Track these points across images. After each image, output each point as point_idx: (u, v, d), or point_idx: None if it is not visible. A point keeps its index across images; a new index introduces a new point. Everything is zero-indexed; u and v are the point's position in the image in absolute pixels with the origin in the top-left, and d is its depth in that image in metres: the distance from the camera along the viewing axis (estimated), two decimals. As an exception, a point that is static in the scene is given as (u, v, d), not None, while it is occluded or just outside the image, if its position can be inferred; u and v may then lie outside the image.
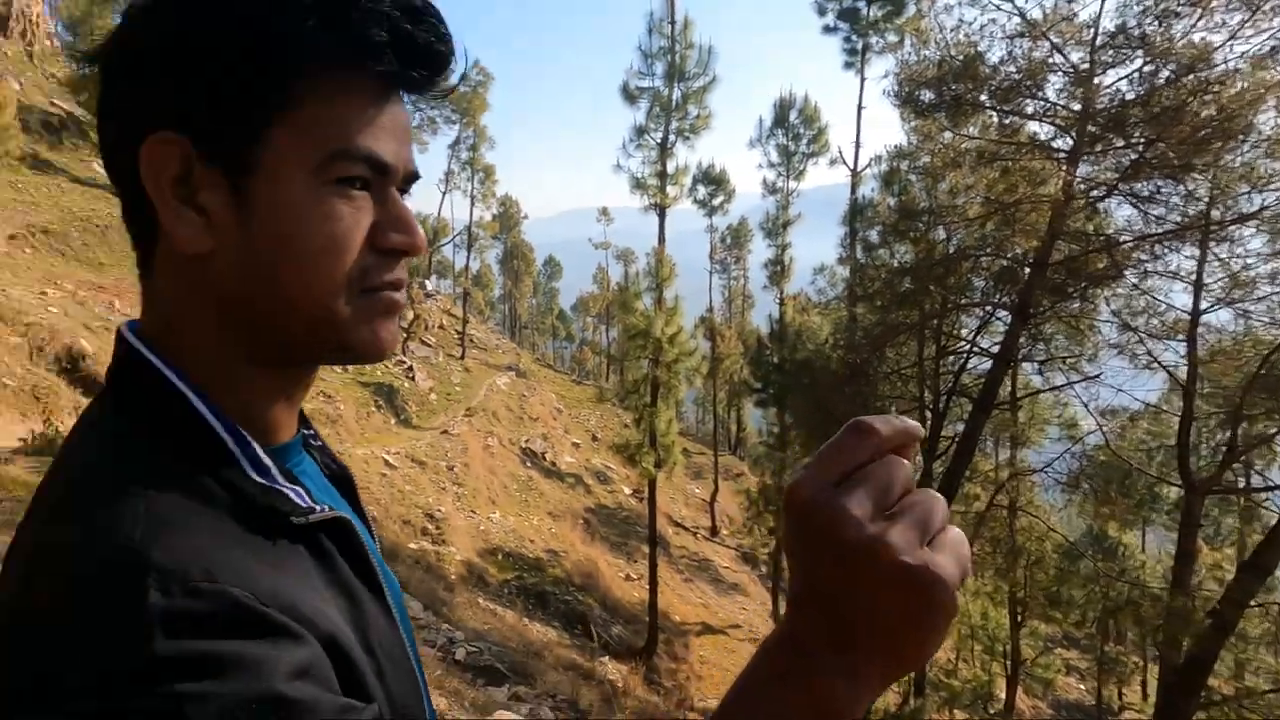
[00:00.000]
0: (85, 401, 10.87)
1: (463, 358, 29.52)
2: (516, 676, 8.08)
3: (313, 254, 0.52)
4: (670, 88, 14.12)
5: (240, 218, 0.51)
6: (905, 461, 0.40)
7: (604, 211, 53.30)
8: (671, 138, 14.22)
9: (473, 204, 34.38)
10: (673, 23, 14.16)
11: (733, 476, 31.94)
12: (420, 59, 0.54)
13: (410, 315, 25.83)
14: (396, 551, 12.55)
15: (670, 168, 14.39)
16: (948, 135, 10.35)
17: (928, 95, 9.87)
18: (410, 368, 23.72)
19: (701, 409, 52.73)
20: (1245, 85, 7.52)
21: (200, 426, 0.52)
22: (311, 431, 0.68)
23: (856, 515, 0.38)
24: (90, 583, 0.42)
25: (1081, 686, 21.56)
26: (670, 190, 14.52)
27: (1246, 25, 7.51)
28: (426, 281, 35.30)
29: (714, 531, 26.31)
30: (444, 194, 34.28)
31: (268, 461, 0.54)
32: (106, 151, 0.54)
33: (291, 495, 0.54)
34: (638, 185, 14.40)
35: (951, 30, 9.31)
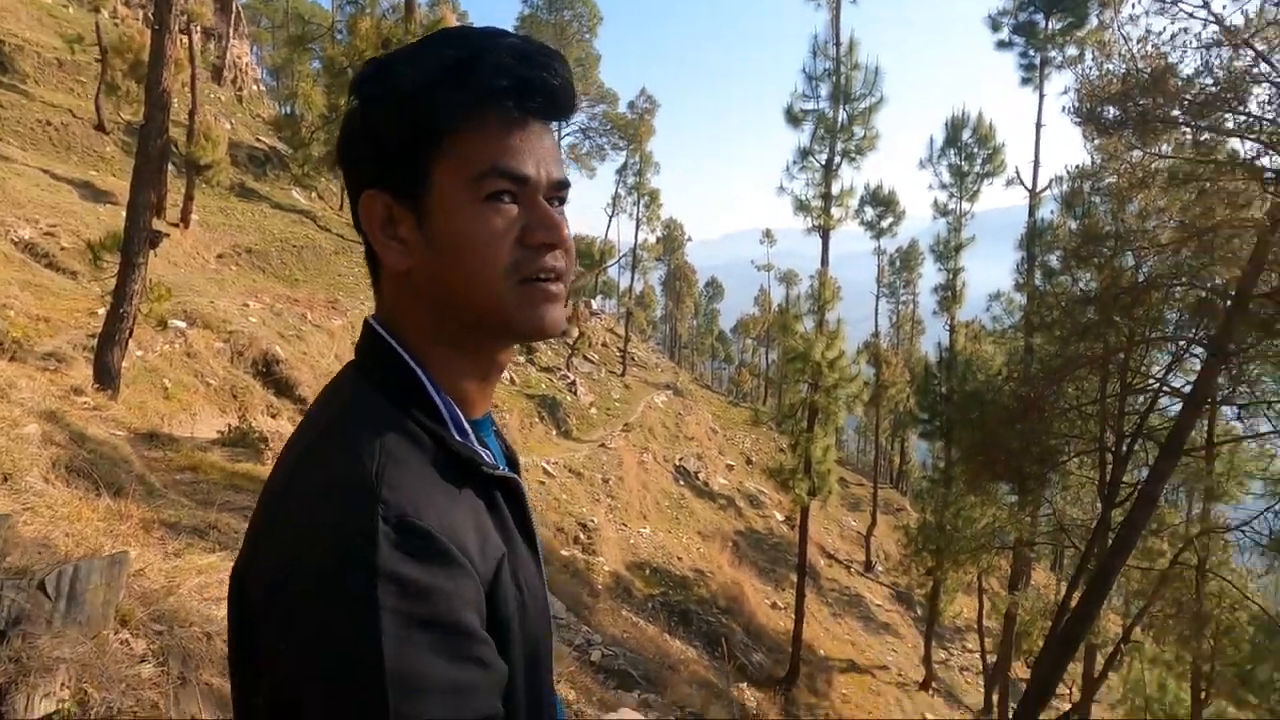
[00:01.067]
0: (277, 401, 12.12)
1: (623, 375, 30.61)
2: (648, 684, 8.32)
3: (471, 254, 0.66)
4: (835, 109, 13.94)
5: (425, 239, 0.67)
6: None
7: (767, 234, 53.06)
8: (837, 159, 14.00)
9: (638, 227, 35.67)
10: (838, 45, 14.02)
11: (892, 511, 30.48)
12: (538, 92, 0.68)
13: (575, 333, 27.23)
14: (549, 557, 13.16)
15: (835, 189, 14.14)
16: (1136, 154, 9.47)
17: (1112, 111, 9.11)
18: (573, 382, 25.01)
19: (863, 438, 50.75)
20: None
21: (421, 392, 0.68)
22: (492, 418, 0.84)
23: None
24: (340, 492, 0.59)
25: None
26: (835, 212, 14.24)
27: None
28: (592, 301, 37.01)
29: (868, 567, 25.25)
30: (611, 217, 35.87)
31: (467, 426, 0.70)
32: (352, 211, 0.72)
33: (483, 454, 0.70)
34: (801, 207, 14.24)
35: (1138, 42, 8.58)
